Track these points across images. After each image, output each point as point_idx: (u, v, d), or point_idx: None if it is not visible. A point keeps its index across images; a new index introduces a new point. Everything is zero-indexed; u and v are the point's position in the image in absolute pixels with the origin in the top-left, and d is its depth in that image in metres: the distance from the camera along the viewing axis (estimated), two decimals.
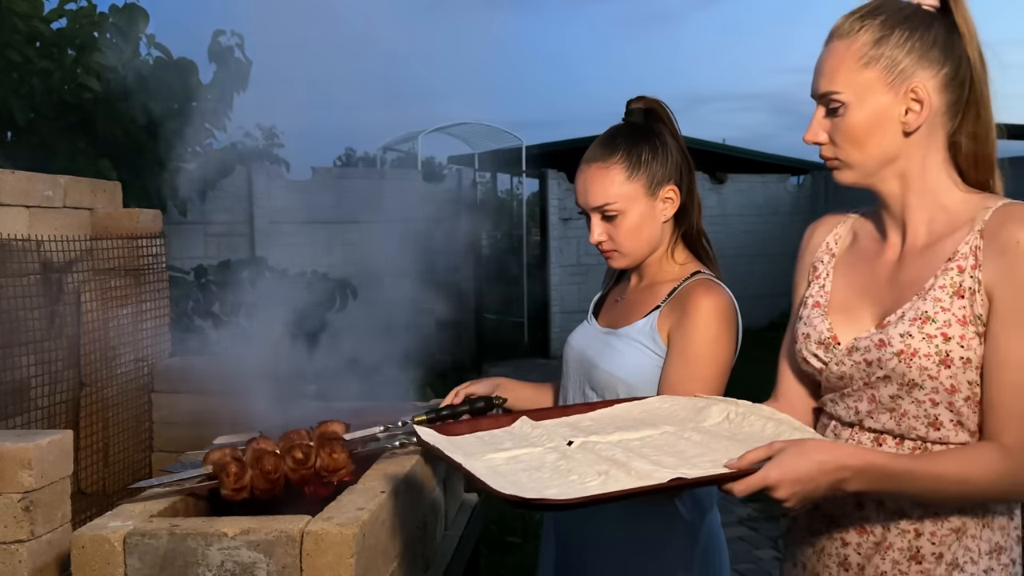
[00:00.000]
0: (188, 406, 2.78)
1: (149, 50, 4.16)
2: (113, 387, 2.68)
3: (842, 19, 1.30)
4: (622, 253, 1.79)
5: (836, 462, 1.15)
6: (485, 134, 11.81)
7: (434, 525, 2.16)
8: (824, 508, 1.36)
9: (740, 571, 4.22)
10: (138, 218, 2.84)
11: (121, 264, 2.74)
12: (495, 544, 4.13)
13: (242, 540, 1.52)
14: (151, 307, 2.88)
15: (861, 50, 1.27)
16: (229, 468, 1.74)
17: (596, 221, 1.77)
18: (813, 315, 1.40)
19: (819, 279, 1.44)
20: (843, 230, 1.47)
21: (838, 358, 1.34)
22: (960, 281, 1.24)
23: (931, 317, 1.24)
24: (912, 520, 1.30)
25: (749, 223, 12.06)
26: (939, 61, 1.26)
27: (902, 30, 1.26)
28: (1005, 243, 1.21)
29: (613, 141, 1.78)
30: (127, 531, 1.55)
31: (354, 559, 1.51)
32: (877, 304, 1.34)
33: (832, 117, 1.30)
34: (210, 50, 4.22)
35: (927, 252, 1.30)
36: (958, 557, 1.28)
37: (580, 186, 1.79)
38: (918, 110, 1.27)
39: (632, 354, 1.74)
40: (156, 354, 2.88)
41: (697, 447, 1.27)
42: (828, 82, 1.29)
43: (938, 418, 1.26)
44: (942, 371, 1.24)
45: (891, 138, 1.28)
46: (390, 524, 1.75)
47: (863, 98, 1.27)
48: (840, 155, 1.31)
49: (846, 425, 1.37)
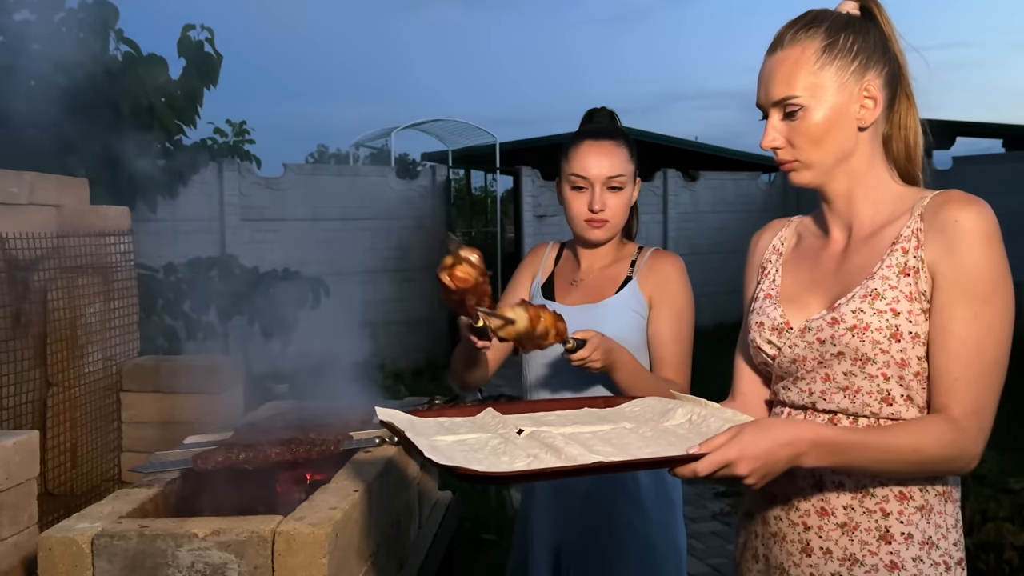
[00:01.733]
0: (157, 405, 2.75)
1: (118, 45, 4.10)
2: (81, 386, 2.65)
3: (784, 30, 1.39)
4: (613, 224, 2.03)
5: (791, 436, 1.19)
6: (459, 131, 11.78)
7: (408, 523, 2.15)
8: (780, 492, 1.38)
9: (713, 565, 4.25)
10: (106, 215, 2.80)
11: (88, 262, 2.70)
12: (469, 541, 4.13)
13: (213, 541, 1.51)
14: (119, 305, 2.84)
15: (814, 55, 1.35)
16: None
17: (600, 191, 2.01)
18: (765, 305, 1.47)
19: (768, 276, 1.52)
20: (788, 232, 1.56)
21: (792, 341, 1.40)
22: (905, 261, 1.32)
23: (880, 294, 1.31)
24: (878, 500, 1.33)
25: (722, 220, 12.15)
26: (882, 61, 1.37)
27: (847, 34, 1.35)
28: (944, 223, 1.29)
29: (612, 130, 2.06)
30: (95, 532, 1.53)
31: (327, 559, 1.50)
32: (825, 292, 1.41)
33: (789, 121, 1.37)
34: (180, 45, 4.17)
35: (871, 240, 1.39)
36: (930, 535, 1.33)
37: (594, 157, 2.01)
38: (871, 107, 1.36)
39: (627, 318, 1.98)
40: (125, 353, 2.85)
41: (644, 441, 1.30)
42: (784, 87, 1.36)
43: (890, 393, 1.32)
44: (893, 345, 1.30)
45: (847, 135, 1.37)
46: (363, 523, 1.74)
47: (820, 99, 1.35)
48: (800, 156, 1.38)
49: (799, 409, 1.40)
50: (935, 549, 1.33)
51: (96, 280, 2.73)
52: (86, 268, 2.69)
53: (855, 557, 1.33)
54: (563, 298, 2.06)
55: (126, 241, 2.88)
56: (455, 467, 1.12)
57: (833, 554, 1.34)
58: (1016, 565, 3.30)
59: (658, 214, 11.71)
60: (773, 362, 1.43)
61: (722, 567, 4.21)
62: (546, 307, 1.70)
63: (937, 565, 1.32)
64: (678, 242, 11.64)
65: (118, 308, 2.83)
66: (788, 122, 1.37)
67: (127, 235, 2.89)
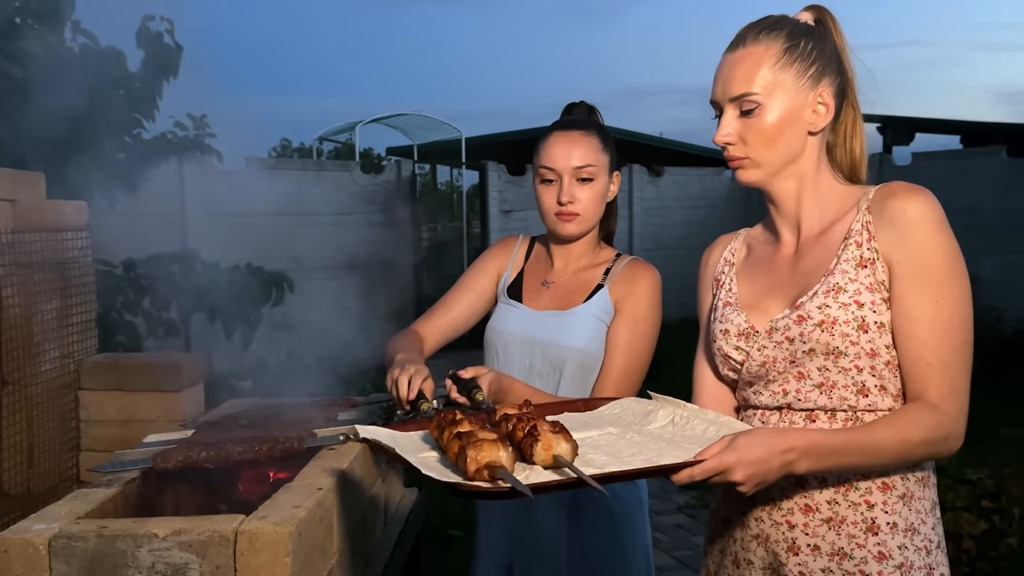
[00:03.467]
0: (117, 404, 2.70)
1: (74, 36, 4.01)
2: (37, 385, 2.59)
3: (746, 30, 1.42)
4: (584, 217, 1.94)
5: (784, 444, 1.22)
6: (424, 125, 11.74)
7: (373, 521, 2.14)
8: (759, 493, 1.38)
9: (678, 558, 4.28)
10: (62, 210, 2.74)
11: (45, 258, 2.64)
12: (436, 538, 4.12)
13: (173, 541, 1.48)
14: (77, 302, 2.79)
15: (775, 56, 1.38)
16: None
17: (569, 182, 1.92)
18: (727, 312, 1.48)
19: (724, 286, 1.53)
20: (737, 244, 1.58)
21: (760, 343, 1.41)
22: (860, 254, 1.35)
23: (843, 287, 1.34)
24: (861, 492, 1.35)
25: (686, 215, 12.24)
26: (835, 71, 1.41)
27: (807, 41, 1.39)
28: (892, 213, 1.33)
29: (586, 121, 1.99)
30: (52, 534, 1.50)
31: (290, 558, 1.49)
32: (784, 295, 1.43)
33: (745, 118, 1.39)
34: (138, 36, 4.10)
35: (821, 238, 1.42)
36: (912, 521, 1.36)
37: (564, 147, 1.93)
38: (823, 112, 1.40)
39: (593, 328, 1.90)
40: (83, 350, 2.80)
41: (635, 447, 1.30)
42: (744, 84, 1.38)
43: (865, 384, 1.34)
44: (861, 336, 1.32)
45: (798, 137, 1.40)
46: (328, 521, 1.72)
47: (778, 99, 1.38)
48: (751, 154, 1.41)
49: (774, 411, 1.41)
50: (916, 535, 1.36)
51: (52, 276, 2.67)
52: (42, 264, 2.63)
53: (843, 551, 1.35)
54: (531, 301, 1.99)
55: (83, 236, 2.82)
56: (457, 484, 1.12)
57: (821, 550, 1.36)
58: (974, 554, 3.36)
59: (624, 209, 11.76)
60: (742, 367, 1.44)
61: (687, 560, 4.25)
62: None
63: (920, 550, 1.35)
64: (643, 237, 11.72)
65: (76, 305, 2.78)
66: (743, 119, 1.39)
67: (84, 230, 2.83)
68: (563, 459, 1.18)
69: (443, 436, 1.26)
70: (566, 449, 1.20)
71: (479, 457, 1.14)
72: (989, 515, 3.41)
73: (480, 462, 1.13)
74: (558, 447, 1.19)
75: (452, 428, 1.25)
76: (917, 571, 1.34)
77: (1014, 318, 8.70)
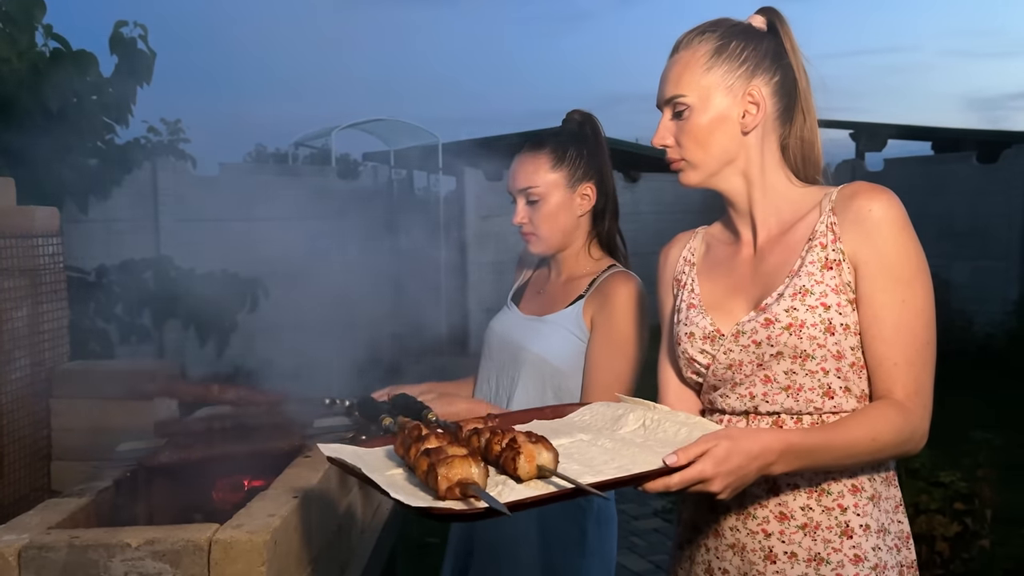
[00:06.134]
0: (89, 412, 2.67)
1: (46, 41, 3.97)
2: (8, 393, 2.55)
3: (684, 35, 1.44)
4: (539, 237, 1.97)
5: (761, 447, 1.22)
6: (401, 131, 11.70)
7: (350, 529, 2.12)
8: (733, 502, 1.38)
9: (655, 562, 4.29)
10: (33, 216, 2.71)
11: (15, 264, 2.61)
12: (413, 545, 4.10)
13: (147, 550, 1.47)
14: (48, 309, 2.75)
15: (703, 58, 1.40)
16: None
17: (521, 204, 1.97)
18: (691, 315, 1.48)
19: (685, 287, 1.53)
20: (696, 243, 1.59)
21: (726, 347, 1.41)
22: (825, 256, 1.35)
23: (809, 290, 1.35)
24: (834, 496, 1.36)
25: (661, 221, 12.28)
26: (771, 70, 1.41)
27: (738, 42, 1.41)
28: (858, 213, 1.34)
29: (546, 137, 2.00)
30: (23, 544, 1.48)
31: (265, 567, 1.47)
32: (746, 297, 1.43)
33: (678, 120, 1.42)
34: (111, 41, 4.06)
35: (782, 240, 1.42)
36: (883, 522, 1.37)
37: (512, 171, 2.00)
38: (754, 112, 1.41)
39: (559, 338, 1.92)
40: (54, 358, 2.76)
41: (607, 454, 1.28)
42: (674, 87, 1.41)
43: (830, 386, 1.35)
44: (828, 338, 1.33)
45: (731, 137, 1.41)
46: (303, 530, 1.71)
47: (706, 100, 1.40)
48: (686, 155, 1.43)
49: (740, 415, 1.41)
50: (887, 534, 1.37)
51: (23, 283, 2.64)
52: (12, 271, 2.59)
53: (820, 556, 1.35)
54: (525, 306, 2.07)
55: (55, 243, 2.79)
56: (430, 508, 1.08)
57: (798, 556, 1.36)
58: (948, 556, 3.40)
59: None
60: (707, 371, 1.44)
61: (664, 564, 4.25)
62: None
63: (891, 549, 1.37)
64: None
65: (47, 312, 2.74)
66: (676, 121, 1.42)
67: (56, 236, 2.80)
68: (547, 469, 1.16)
69: (410, 453, 1.22)
70: (548, 459, 1.17)
71: (450, 475, 1.10)
72: (962, 517, 3.45)
73: (451, 479, 1.10)
74: (540, 457, 1.17)
75: (419, 445, 1.21)
76: (891, 571, 1.36)
77: (985, 322, 8.81)
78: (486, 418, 1.39)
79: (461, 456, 1.13)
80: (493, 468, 1.22)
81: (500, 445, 1.21)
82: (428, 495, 1.13)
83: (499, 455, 1.20)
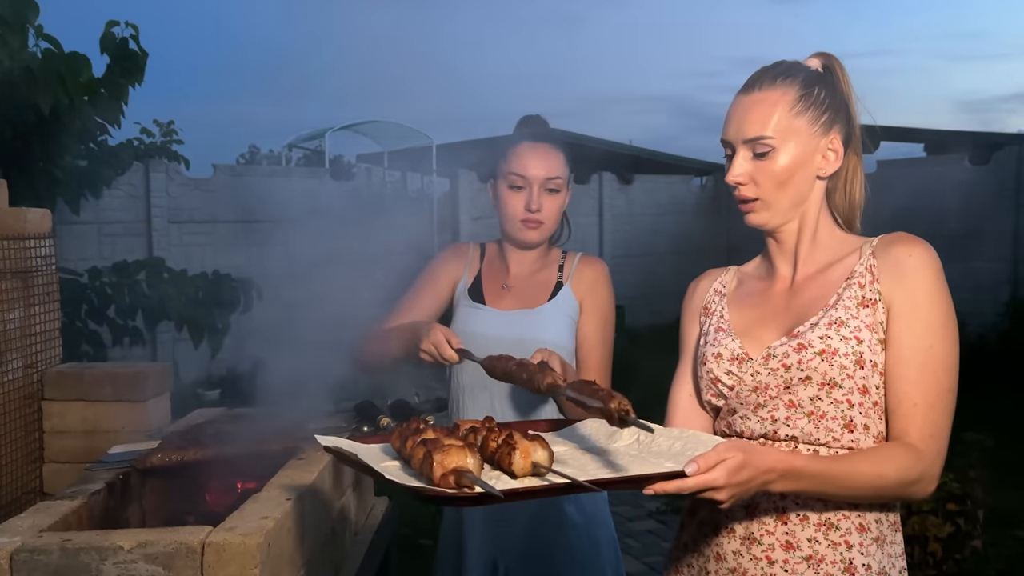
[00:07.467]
0: (81, 415, 2.66)
1: (37, 42, 3.96)
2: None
3: (761, 74, 1.44)
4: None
5: (768, 464, 1.22)
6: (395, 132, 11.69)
7: (343, 531, 2.12)
8: (740, 527, 1.40)
9: (649, 564, 4.29)
10: (25, 217, 2.70)
11: (7, 266, 2.60)
12: (407, 547, 4.09)
13: (139, 553, 1.46)
14: (40, 311, 2.74)
15: (791, 102, 1.41)
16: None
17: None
18: (720, 337, 1.49)
19: (714, 313, 1.55)
20: (727, 277, 1.60)
21: (754, 369, 1.42)
22: (863, 294, 1.38)
23: (844, 322, 1.37)
24: (841, 532, 1.37)
25: (656, 222, 12.30)
26: (844, 120, 1.45)
27: (820, 88, 1.43)
28: (897, 257, 1.38)
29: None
30: (14, 547, 1.47)
31: (258, 569, 1.47)
32: (778, 326, 1.44)
33: (758, 160, 1.42)
34: (102, 41, 4.05)
35: (819, 277, 1.45)
36: (884, 565, 1.38)
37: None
38: (832, 159, 1.44)
39: (559, 323, 2.02)
40: (46, 360, 2.75)
41: (601, 460, 1.30)
42: (759, 127, 1.41)
43: (852, 420, 1.36)
44: (857, 371, 1.35)
45: (807, 182, 1.44)
46: (296, 532, 1.71)
47: (791, 144, 1.41)
48: (762, 195, 1.43)
49: (758, 438, 1.41)
50: None
51: (15, 285, 2.63)
52: (4, 272, 2.58)
53: None
54: (495, 302, 2.07)
55: (47, 244, 2.78)
56: (423, 489, 1.10)
57: None
58: (940, 557, 3.41)
59: (594, 216, 11.79)
60: (731, 392, 1.44)
61: (658, 565, 4.26)
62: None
63: None
64: (614, 244, 11.75)
65: (39, 314, 2.73)
66: (756, 161, 1.42)
67: (48, 238, 2.79)
68: (542, 465, 1.17)
69: (406, 445, 1.24)
70: (544, 456, 1.19)
71: (445, 462, 1.12)
72: (954, 518, 3.46)
73: (446, 467, 1.11)
74: (536, 454, 1.18)
75: (416, 437, 1.23)
76: None
77: (977, 324, 8.84)
78: (485, 420, 1.39)
79: (457, 446, 1.15)
80: (488, 464, 1.23)
81: (496, 442, 1.22)
82: (424, 483, 1.13)
83: (495, 451, 1.22)
